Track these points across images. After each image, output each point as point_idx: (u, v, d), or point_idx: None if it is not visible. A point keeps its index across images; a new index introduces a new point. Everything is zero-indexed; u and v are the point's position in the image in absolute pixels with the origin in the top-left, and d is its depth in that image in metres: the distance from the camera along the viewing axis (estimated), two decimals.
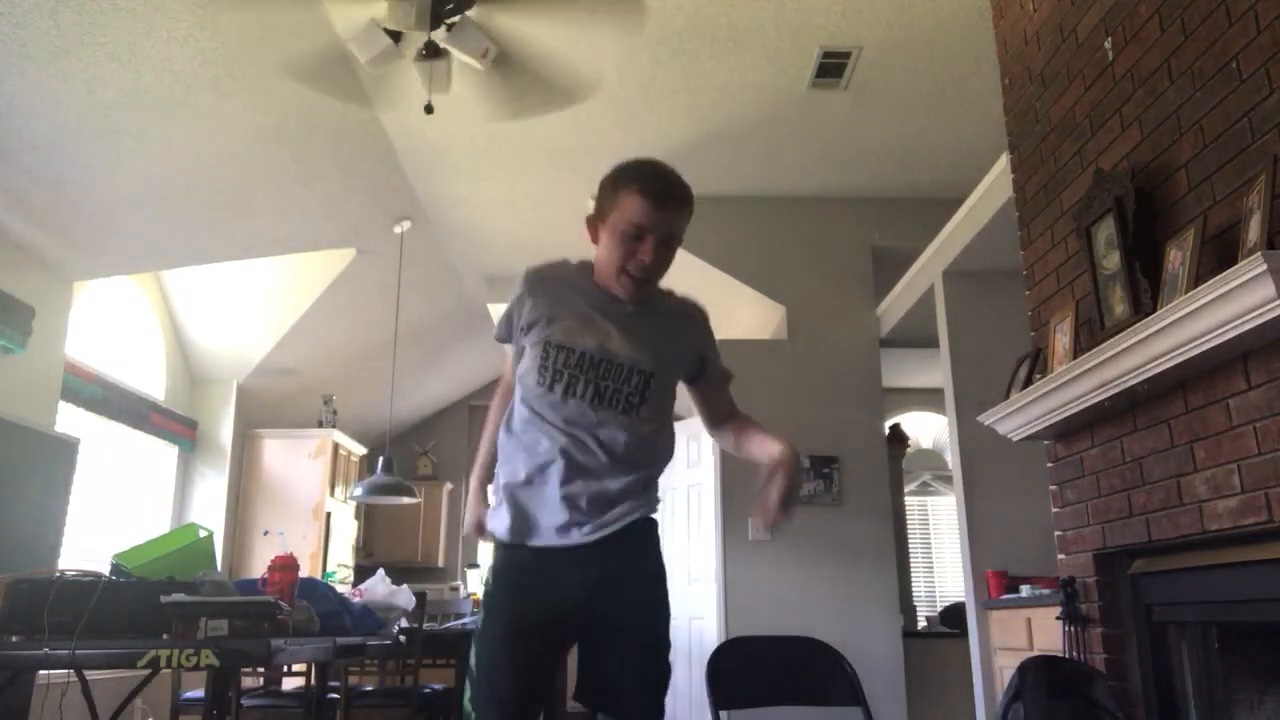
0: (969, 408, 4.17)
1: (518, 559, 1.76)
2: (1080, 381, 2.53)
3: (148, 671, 2.44)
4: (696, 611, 5.48)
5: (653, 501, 1.82)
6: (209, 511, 6.50)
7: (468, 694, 1.74)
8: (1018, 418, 2.96)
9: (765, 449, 1.84)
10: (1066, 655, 2.76)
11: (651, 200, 1.72)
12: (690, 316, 1.91)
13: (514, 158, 5.01)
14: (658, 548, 1.85)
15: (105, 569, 2.93)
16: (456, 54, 3.63)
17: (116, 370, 5.62)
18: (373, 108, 4.47)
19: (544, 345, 1.74)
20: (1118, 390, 2.40)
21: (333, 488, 7.19)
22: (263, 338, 6.34)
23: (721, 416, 1.98)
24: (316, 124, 4.47)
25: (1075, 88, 2.89)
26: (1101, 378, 2.44)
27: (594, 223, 1.81)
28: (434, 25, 3.49)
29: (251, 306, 6.16)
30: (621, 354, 1.75)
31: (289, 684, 4.62)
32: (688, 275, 5.85)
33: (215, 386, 6.67)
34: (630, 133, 4.71)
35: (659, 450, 1.83)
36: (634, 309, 1.80)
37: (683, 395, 1.97)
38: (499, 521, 1.78)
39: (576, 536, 1.72)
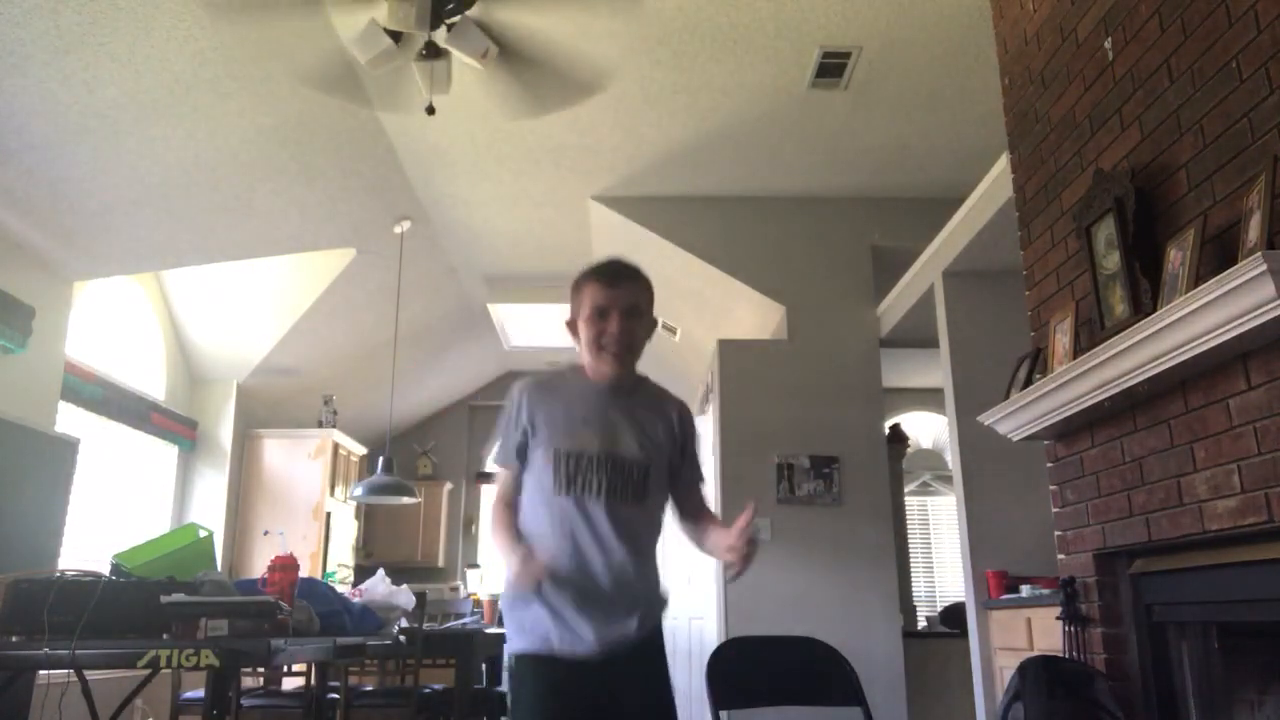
0: (969, 408, 4.16)
1: (548, 676, 1.81)
2: (1080, 381, 2.53)
3: (148, 671, 2.44)
4: (696, 611, 5.48)
5: (663, 605, 1.95)
6: (209, 511, 6.50)
7: None
8: (1018, 418, 2.96)
9: (722, 536, 1.89)
10: (1066, 655, 2.76)
11: (604, 281, 1.92)
12: (674, 408, 2.03)
13: (514, 158, 5.01)
14: (664, 653, 1.95)
15: (105, 569, 2.93)
16: (457, 54, 3.63)
17: (116, 370, 5.62)
18: (373, 108, 4.47)
19: (554, 453, 1.87)
20: (1118, 390, 2.40)
21: (333, 488, 7.19)
22: (263, 338, 6.34)
23: (692, 513, 2.05)
24: (317, 124, 4.47)
25: (1075, 88, 2.89)
26: (1101, 378, 2.44)
27: (572, 325, 1.98)
28: (434, 25, 3.49)
29: (251, 306, 6.16)
30: (623, 451, 1.89)
31: (289, 684, 4.62)
32: (689, 275, 5.87)
33: (215, 386, 6.67)
34: (630, 133, 4.71)
35: (657, 543, 1.97)
36: (626, 399, 1.94)
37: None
38: (525, 631, 1.84)
39: (607, 638, 1.81)
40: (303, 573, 3.10)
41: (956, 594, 6.43)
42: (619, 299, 1.91)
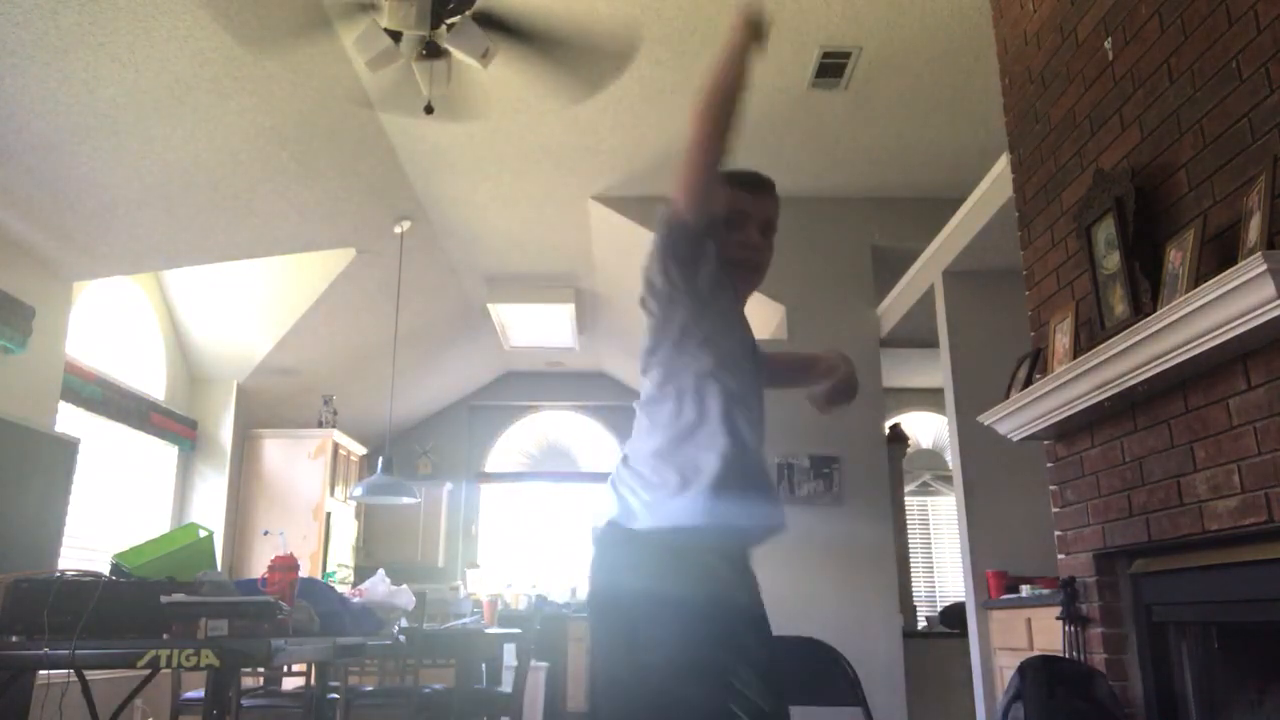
0: (969, 408, 4.17)
1: (730, 559, 1.64)
2: (1080, 381, 2.53)
3: (148, 671, 2.44)
4: None
5: None
6: (209, 511, 6.50)
7: None
8: (1018, 418, 2.96)
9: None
10: (1066, 655, 2.76)
11: (747, 188, 1.75)
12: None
13: (514, 158, 5.01)
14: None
15: (105, 569, 2.93)
16: (457, 54, 3.63)
17: (116, 370, 5.62)
18: (373, 107, 4.47)
19: (741, 323, 1.70)
20: (1118, 390, 2.40)
21: (333, 488, 7.19)
22: (263, 338, 6.34)
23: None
24: (316, 124, 4.47)
25: (1075, 88, 2.89)
26: (1101, 378, 2.44)
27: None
28: (434, 25, 3.49)
29: (251, 306, 6.16)
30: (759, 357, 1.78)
31: (289, 684, 4.63)
32: None
33: (215, 386, 6.67)
34: (630, 133, 4.71)
35: None
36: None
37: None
38: (716, 503, 1.57)
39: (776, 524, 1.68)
40: (303, 573, 3.10)
41: (956, 594, 6.43)
42: (760, 209, 1.72)
